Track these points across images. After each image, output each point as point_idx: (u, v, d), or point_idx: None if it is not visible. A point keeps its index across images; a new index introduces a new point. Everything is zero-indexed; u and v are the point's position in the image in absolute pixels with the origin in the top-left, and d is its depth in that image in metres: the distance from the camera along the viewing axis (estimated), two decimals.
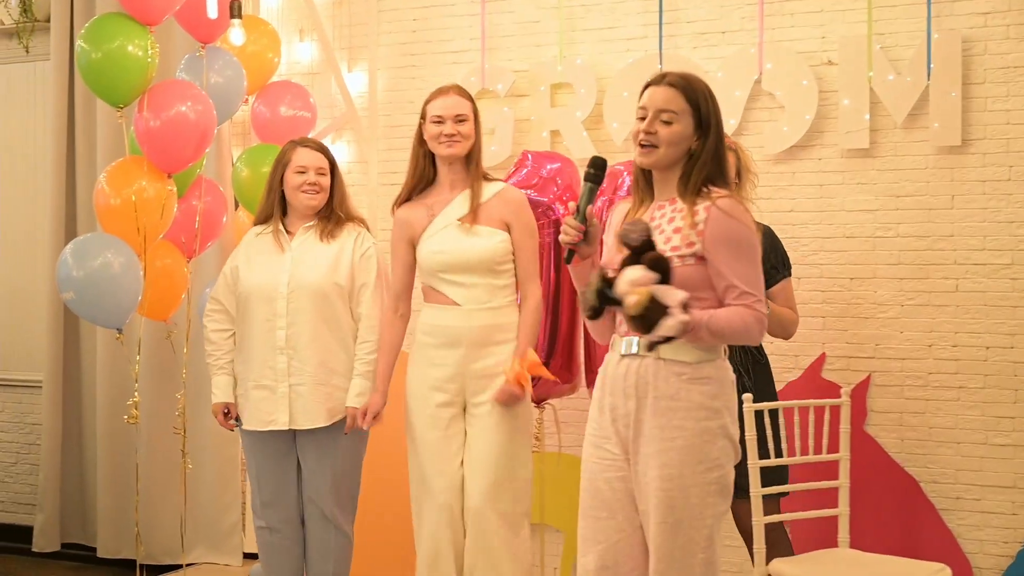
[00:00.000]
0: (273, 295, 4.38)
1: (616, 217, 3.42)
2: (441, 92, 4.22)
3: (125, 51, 4.71)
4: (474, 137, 4.20)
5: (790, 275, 4.39)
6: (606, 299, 3.06)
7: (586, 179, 3.23)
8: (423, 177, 4.26)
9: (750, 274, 3.19)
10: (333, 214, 4.50)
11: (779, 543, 4.33)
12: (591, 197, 3.21)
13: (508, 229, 4.14)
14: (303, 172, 4.43)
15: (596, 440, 3.35)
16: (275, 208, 4.50)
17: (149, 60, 4.76)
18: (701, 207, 3.18)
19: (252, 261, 4.47)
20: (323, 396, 4.39)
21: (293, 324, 4.37)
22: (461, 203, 4.18)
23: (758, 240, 3.26)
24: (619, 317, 3.31)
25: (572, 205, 3.24)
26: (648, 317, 2.94)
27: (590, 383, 4.61)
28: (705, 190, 3.23)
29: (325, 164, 4.48)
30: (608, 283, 3.05)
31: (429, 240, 4.18)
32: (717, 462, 3.23)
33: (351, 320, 4.45)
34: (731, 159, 4.18)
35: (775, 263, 4.29)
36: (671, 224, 3.22)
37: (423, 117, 4.22)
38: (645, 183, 3.35)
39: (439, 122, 4.14)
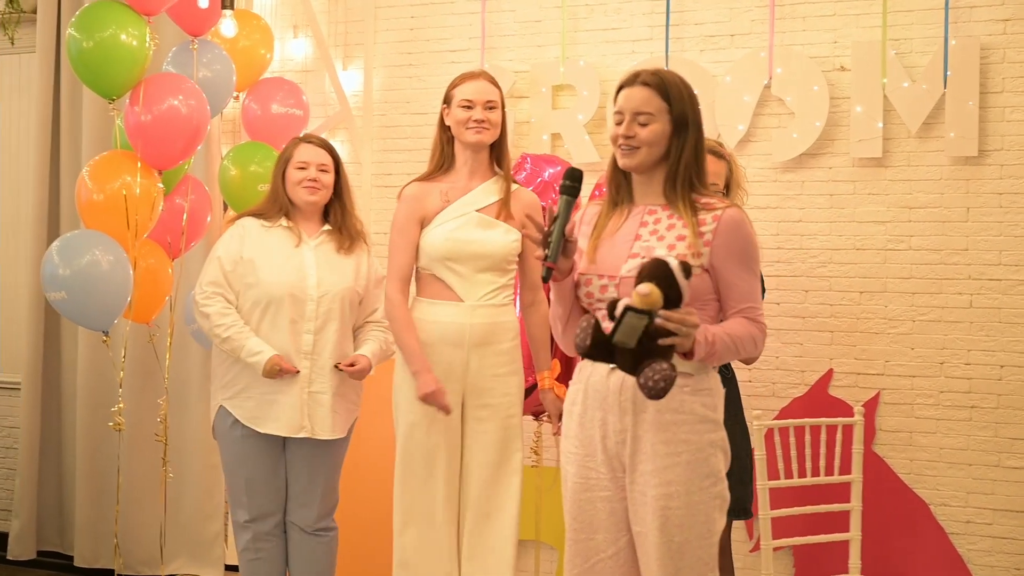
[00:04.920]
0: (301, 296, 4.20)
1: (587, 217, 3.26)
2: (471, 76, 4.07)
3: (118, 40, 4.52)
4: (501, 127, 4.07)
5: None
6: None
7: (562, 192, 3.04)
8: (444, 163, 4.10)
9: (755, 287, 3.12)
10: (347, 223, 4.36)
11: (725, 569, 4.18)
12: (568, 211, 3.02)
13: (522, 228, 4.00)
14: (304, 168, 4.27)
15: (577, 458, 3.20)
16: (284, 206, 4.32)
17: (144, 51, 4.58)
18: (708, 216, 3.06)
19: (270, 257, 4.24)
20: (341, 407, 4.27)
21: (321, 329, 4.22)
22: (481, 194, 4.04)
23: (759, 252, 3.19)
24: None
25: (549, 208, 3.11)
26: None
27: None
28: (697, 196, 3.12)
29: (327, 161, 4.32)
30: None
31: (442, 226, 4.01)
32: (720, 475, 3.12)
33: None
34: (721, 168, 4.05)
35: None
36: (672, 231, 3.09)
37: (447, 102, 4.07)
38: (625, 185, 3.22)
39: (468, 107, 3.99)
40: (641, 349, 2.83)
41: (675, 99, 3.12)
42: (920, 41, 4.71)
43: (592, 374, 3.17)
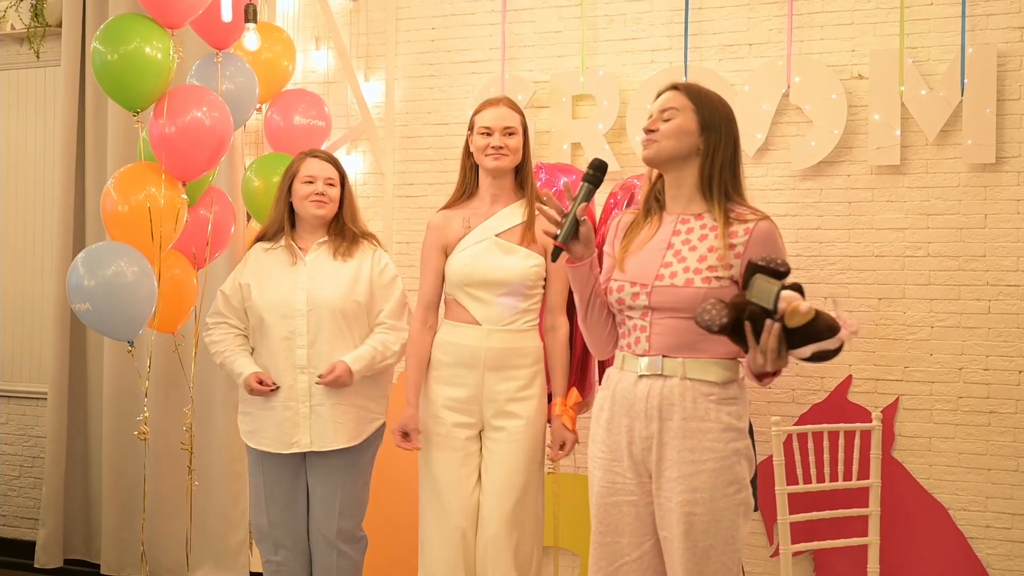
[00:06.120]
0: (290, 313, 4.27)
1: (620, 226, 3.33)
2: (491, 103, 4.14)
3: (142, 53, 4.57)
4: (522, 152, 4.13)
5: None
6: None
7: (585, 179, 3.14)
8: (467, 189, 4.18)
9: None
10: (346, 231, 4.40)
11: None
12: (586, 196, 3.12)
13: (546, 253, 4.04)
14: (311, 182, 4.33)
15: (604, 463, 3.25)
16: (284, 222, 4.40)
17: (168, 63, 4.63)
18: (740, 228, 3.10)
19: (265, 278, 4.35)
20: (344, 417, 4.29)
21: (313, 343, 4.26)
22: (501, 218, 4.11)
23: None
24: (626, 330, 3.22)
25: (565, 184, 3.17)
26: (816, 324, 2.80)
27: None
28: (732, 205, 3.16)
29: (334, 175, 4.38)
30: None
31: (462, 252, 4.09)
32: (744, 482, 3.18)
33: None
34: None
35: None
36: (703, 242, 3.14)
37: (471, 128, 4.14)
38: (656, 193, 3.30)
39: (487, 134, 4.06)
40: (744, 310, 2.87)
41: (703, 102, 3.20)
42: (937, 49, 4.72)
43: (620, 381, 3.22)
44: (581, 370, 4.45)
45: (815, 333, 2.79)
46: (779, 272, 2.86)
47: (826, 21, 4.88)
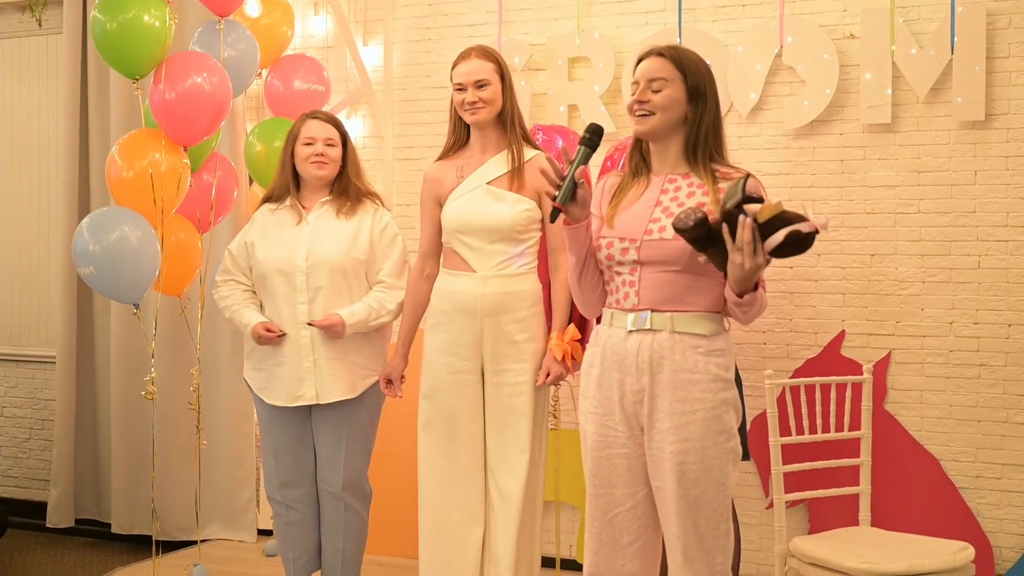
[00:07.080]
0: (291, 270, 4.35)
1: (607, 188, 3.39)
2: (462, 57, 4.16)
3: (141, 21, 4.63)
4: (500, 100, 4.14)
5: None
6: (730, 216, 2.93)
7: (581, 142, 3.17)
8: (458, 140, 4.24)
9: None
10: (350, 188, 4.47)
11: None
12: (584, 160, 3.15)
13: (539, 198, 4.10)
14: (311, 143, 4.40)
15: (596, 417, 3.32)
16: (289, 183, 4.47)
17: (165, 31, 4.69)
18: (726, 186, 3.17)
19: (269, 237, 4.43)
20: (343, 370, 4.37)
21: (314, 299, 4.34)
22: (492, 167, 4.15)
23: None
24: (615, 287, 3.29)
25: (563, 147, 3.23)
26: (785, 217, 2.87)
27: None
28: (716, 166, 3.24)
29: (334, 135, 4.44)
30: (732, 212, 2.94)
31: (455, 201, 4.15)
32: (732, 431, 3.24)
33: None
34: None
35: None
36: (692, 199, 3.21)
37: (452, 81, 4.19)
38: (641, 156, 3.35)
39: (461, 89, 4.11)
40: (720, 218, 2.94)
41: (690, 69, 3.24)
42: (927, 8, 4.77)
43: (610, 337, 3.29)
44: (582, 328, 4.53)
45: (785, 223, 2.87)
46: (751, 197, 2.94)
47: None
